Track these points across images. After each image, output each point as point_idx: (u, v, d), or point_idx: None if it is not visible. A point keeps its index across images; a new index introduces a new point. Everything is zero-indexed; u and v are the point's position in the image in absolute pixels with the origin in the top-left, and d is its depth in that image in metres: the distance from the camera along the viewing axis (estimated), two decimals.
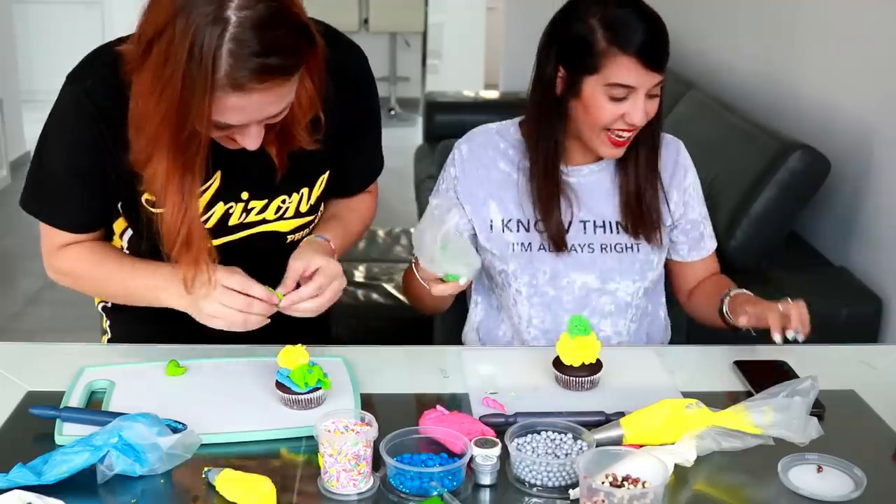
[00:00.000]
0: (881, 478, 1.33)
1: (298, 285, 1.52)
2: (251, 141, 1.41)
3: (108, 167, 1.51)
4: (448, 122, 4.97)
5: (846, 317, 2.70)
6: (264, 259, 1.62)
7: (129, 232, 1.66)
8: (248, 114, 1.35)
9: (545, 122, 1.76)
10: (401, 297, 2.96)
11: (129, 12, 1.45)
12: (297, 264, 1.52)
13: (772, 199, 2.80)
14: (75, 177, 1.55)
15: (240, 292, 1.47)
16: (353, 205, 1.77)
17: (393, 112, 7.97)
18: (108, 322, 1.82)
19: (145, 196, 1.54)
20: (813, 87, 3.17)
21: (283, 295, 1.51)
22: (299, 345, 1.48)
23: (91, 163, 1.52)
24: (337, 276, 1.52)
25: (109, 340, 1.82)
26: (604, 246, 1.81)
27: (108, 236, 1.68)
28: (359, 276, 3.15)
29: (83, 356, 1.60)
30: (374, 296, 3.01)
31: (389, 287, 3.04)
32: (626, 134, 1.71)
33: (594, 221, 1.82)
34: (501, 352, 1.80)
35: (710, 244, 1.91)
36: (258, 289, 1.48)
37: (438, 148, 2.85)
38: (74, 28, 7.60)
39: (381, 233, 3.60)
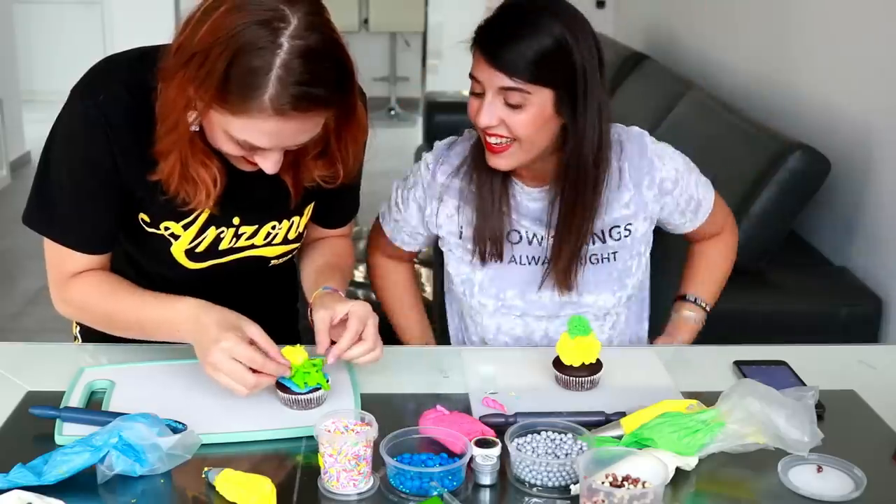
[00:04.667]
0: (881, 478, 1.33)
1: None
2: (271, 165, 1.41)
3: (115, 182, 1.49)
4: (448, 122, 4.97)
5: (846, 317, 2.71)
6: (246, 281, 1.65)
7: None
8: (281, 139, 1.36)
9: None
10: None
11: (129, 12, 1.46)
12: (322, 314, 1.50)
13: (772, 199, 2.80)
14: (88, 195, 1.50)
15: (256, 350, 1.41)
16: (337, 251, 1.77)
17: (393, 112, 7.97)
18: (78, 328, 1.79)
19: (142, 216, 1.54)
20: (813, 87, 3.17)
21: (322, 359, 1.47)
22: (299, 345, 1.48)
23: (103, 180, 1.49)
24: (369, 315, 1.49)
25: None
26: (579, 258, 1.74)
27: None
28: (359, 276, 3.15)
29: (83, 356, 1.60)
30: (374, 296, 3.00)
31: None
32: (492, 139, 1.62)
33: None
34: (501, 352, 1.80)
35: (707, 206, 1.84)
36: (276, 350, 1.42)
37: None
38: (74, 28, 7.61)
39: None
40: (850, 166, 2.87)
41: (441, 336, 2.06)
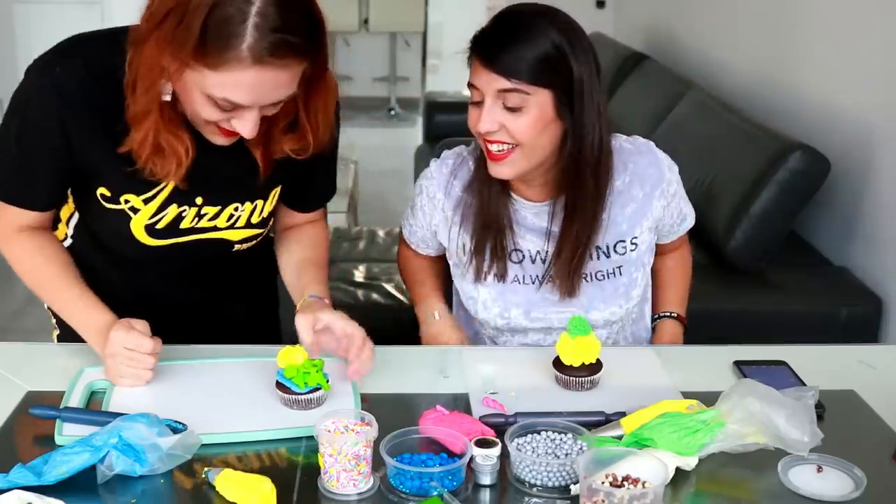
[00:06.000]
0: (881, 478, 1.33)
1: None
2: (249, 127, 1.41)
3: (64, 154, 1.52)
4: (448, 122, 4.97)
5: (846, 317, 2.71)
6: (209, 265, 1.67)
7: (75, 218, 1.68)
8: (260, 93, 1.37)
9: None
10: (401, 296, 2.96)
11: (129, 12, 1.47)
12: (304, 320, 1.53)
13: (772, 199, 2.80)
14: (27, 156, 1.54)
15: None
16: (313, 241, 1.78)
17: (393, 112, 7.98)
18: (55, 319, 1.80)
19: (100, 190, 1.56)
20: (813, 87, 3.17)
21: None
22: (299, 345, 1.48)
23: (46, 146, 1.52)
24: (355, 331, 1.54)
25: (59, 337, 1.81)
26: (584, 275, 1.73)
27: (54, 224, 1.68)
28: (359, 276, 3.15)
29: (83, 356, 1.60)
30: (374, 296, 3.01)
31: (389, 287, 3.04)
32: (493, 147, 1.61)
33: None
34: (501, 352, 1.80)
35: (690, 220, 1.86)
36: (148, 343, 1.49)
37: (438, 148, 2.85)
38: (74, 28, 7.47)
39: (380, 233, 3.60)
40: (850, 166, 2.87)
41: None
